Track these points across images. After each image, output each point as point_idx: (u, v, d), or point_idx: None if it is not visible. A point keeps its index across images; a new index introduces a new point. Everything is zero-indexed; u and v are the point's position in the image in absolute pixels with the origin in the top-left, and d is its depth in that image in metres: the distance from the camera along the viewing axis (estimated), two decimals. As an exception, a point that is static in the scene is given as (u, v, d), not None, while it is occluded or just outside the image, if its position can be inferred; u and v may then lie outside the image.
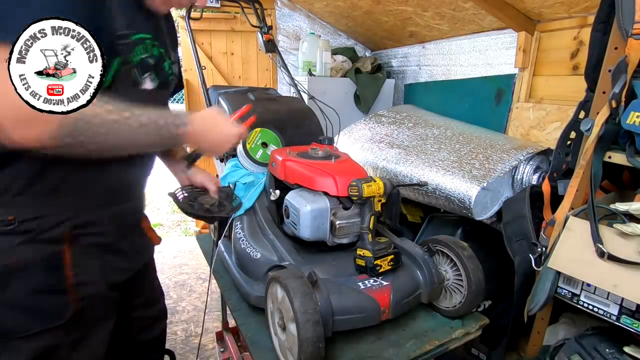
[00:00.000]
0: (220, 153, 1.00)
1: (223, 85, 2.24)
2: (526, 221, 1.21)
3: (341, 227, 0.99)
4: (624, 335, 0.95)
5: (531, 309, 1.07)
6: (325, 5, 2.59)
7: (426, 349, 0.92)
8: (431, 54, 2.37)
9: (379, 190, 0.95)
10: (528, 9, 1.61)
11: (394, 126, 1.97)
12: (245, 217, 1.22)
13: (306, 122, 1.52)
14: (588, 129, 0.99)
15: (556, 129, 1.58)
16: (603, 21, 1.04)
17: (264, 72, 3.03)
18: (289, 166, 1.11)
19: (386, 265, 0.95)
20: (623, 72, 0.91)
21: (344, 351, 0.90)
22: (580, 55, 1.50)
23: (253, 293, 1.05)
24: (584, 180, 1.01)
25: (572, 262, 0.96)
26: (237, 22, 2.84)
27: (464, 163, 1.47)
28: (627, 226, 0.88)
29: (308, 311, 0.76)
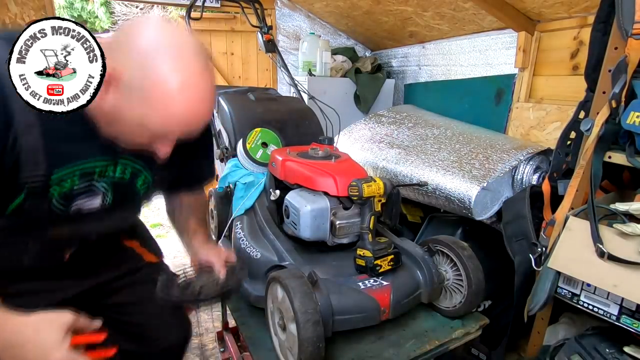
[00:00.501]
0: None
1: (223, 85, 2.24)
2: (526, 221, 1.21)
3: (341, 227, 0.99)
4: (624, 335, 0.95)
5: (531, 309, 1.07)
6: (325, 5, 2.58)
7: (426, 349, 0.92)
8: (431, 54, 2.37)
9: (379, 190, 0.95)
10: (528, 9, 1.61)
11: (394, 126, 1.97)
12: (245, 217, 1.22)
13: (306, 122, 1.52)
14: (588, 129, 0.99)
15: (556, 129, 1.58)
16: (603, 21, 1.04)
17: (264, 72, 3.03)
18: (289, 166, 1.11)
19: (386, 265, 0.95)
20: (623, 72, 0.91)
21: (344, 351, 0.90)
22: (580, 55, 1.50)
23: (253, 293, 1.05)
24: (584, 180, 1.01)
25: (572, 262, 0.96)
26: (237, 22, 2.84)
27: (464, 163, 1.47)
28: (627, 226, 0.88)
29: (308, 311, 0.76)
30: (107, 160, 0.79)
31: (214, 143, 1.46)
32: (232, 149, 1.39)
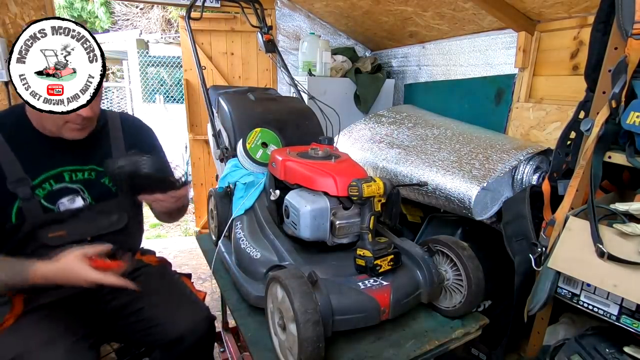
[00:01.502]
0: None
1: (223, 85, 2.24)
2: (526, 221, 1.21)
3: (341, 227, 0.99)
4: (624, 335, 0.95)
5: (531, 309, 1.07)
6: (325, 5, 2.58)
7: (426, 349, 0.92)
8: (431, 54, 2.37)
9: (379, 190, 0.95)
10: (528, 9, 1.61)
11: (394, 126, 1.97)
12: (245, 217, 1.22)
13: (306, 122, 1.52)
14: (588, 129, 0.99)
15: (556, 129, 1.58)
16: (603, 21, 1.04)
17: (264, 72, 3.03)
18: (289, 166, 1.11)
19: (386, 265, 0.95)
20: (623, 72, 0.91)
21: (344, 351, 0.90)
22: (580, 55, 1.50)
23: (253, 293, 1.05)
24: (584, 180, 1.01)
25: (572, 262, 0.96)
26: (237, 22, 2.84)
27: (464, 163, 1.47)
28: (627, 226, 0.88)
29: (308, 311, 0.76)
30: (73, 167, 1.01)
31: (215, 143, 1.47)
32: (232, 149, 1.39)
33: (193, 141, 3.07)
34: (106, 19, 6.28)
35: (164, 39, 5.69)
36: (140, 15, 6.32)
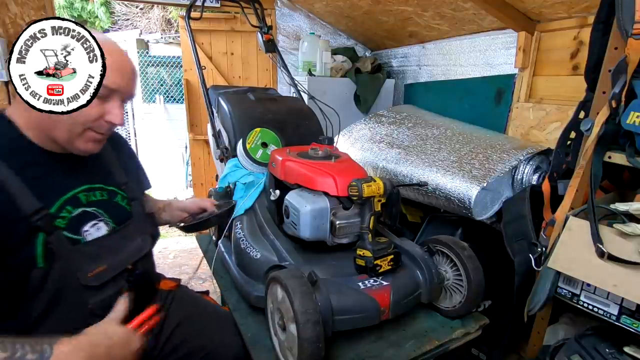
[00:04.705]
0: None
1: (223, 85, 2.24)
2: (526, 221, 1.21)
3: (341, 227, 0.99)
4: (624, 335, 0.95)
5: (531, 309, 1.07)
6: (325, 5, 2.58)
7: (426, 349, 0.92)
8: (431, 54, 2.37)
9: (379, 190, 0.95)
10: (528, 9, 1.61)
11: (394, 126, 1.97)
12: (245, 217, 1.22)
13: (306, 122, 1.52)
14: (588, 129, 0.99)
15: (556, 129, 1.58)
16: (603, 21, 1.04)
17: (264, 72, 3.03)
18: (289, 166, 1.11)
19: (386, 265, 0.95)
20: (623, 72, 0.91)
21: (344, 351, 0.90)
22: (580, 55, 1.50)
23: (253, 293, 1.05)
24: (584, 180, 1.01)
25: (572, 262, 0.95)
26: (237, 22, 2.84)
27: (464, 163, 1.47)
28: (627, 226, 0.88)
29: (308, 311, 0.76)
30: (83, 187, 0.84)
31: (215, 143, 1.47)
32: (232, 149, 1.39)
33: (193, 141, 3.07)
34: (106, 19, 6.28)
35: (164, 39, 5.69)
36: (140, 15, 6.31)
